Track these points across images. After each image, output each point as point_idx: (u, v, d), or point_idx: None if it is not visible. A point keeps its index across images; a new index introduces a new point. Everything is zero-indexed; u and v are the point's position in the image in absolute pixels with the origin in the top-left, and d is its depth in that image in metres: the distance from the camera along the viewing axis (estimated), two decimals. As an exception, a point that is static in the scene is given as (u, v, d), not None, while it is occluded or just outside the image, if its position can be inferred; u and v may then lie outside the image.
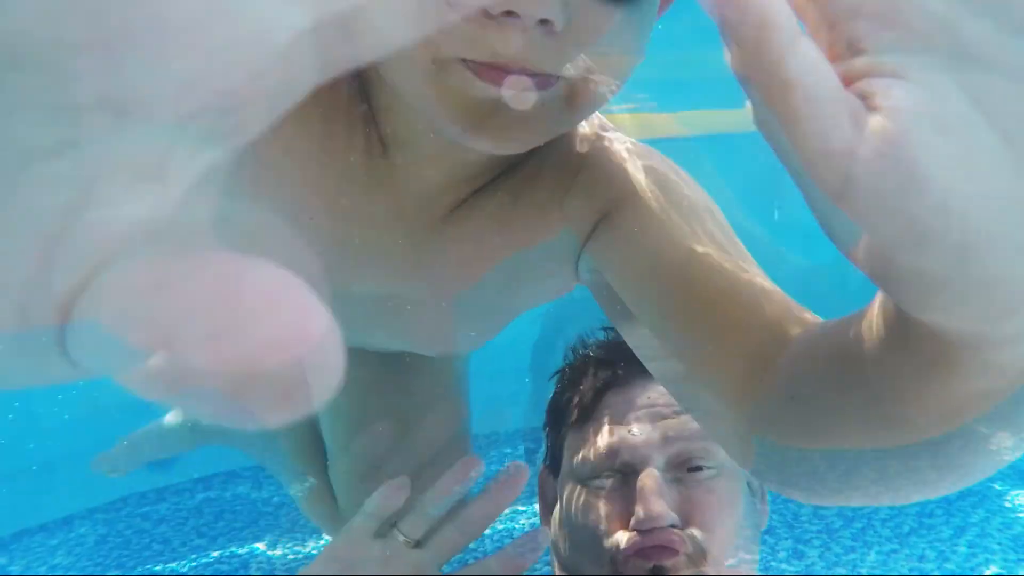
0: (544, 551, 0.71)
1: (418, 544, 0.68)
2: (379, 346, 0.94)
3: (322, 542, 1.81)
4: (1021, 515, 2.02)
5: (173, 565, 1.72)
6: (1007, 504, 2.07)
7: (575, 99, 0.58)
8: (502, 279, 0.76)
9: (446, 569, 0.67)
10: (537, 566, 1.04)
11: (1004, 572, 1.76)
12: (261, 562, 1.72)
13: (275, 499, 2.02)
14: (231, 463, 2.18)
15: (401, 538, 0.68)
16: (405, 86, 0.57)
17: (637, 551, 0.76)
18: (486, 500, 0.69)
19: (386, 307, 0.79)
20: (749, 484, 0.89)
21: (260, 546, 1.79)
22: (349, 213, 0.69)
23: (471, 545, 0.69)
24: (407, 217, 0.71)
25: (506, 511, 0.69)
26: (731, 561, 0.79)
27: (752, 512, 0.86)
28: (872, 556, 1.79)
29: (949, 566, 1.78)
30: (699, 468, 0.81)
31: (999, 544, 1.87)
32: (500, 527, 1.62)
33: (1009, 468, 2.28)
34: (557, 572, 0.88)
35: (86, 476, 2.00)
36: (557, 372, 0.95)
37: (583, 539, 0.81)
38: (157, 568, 1.71)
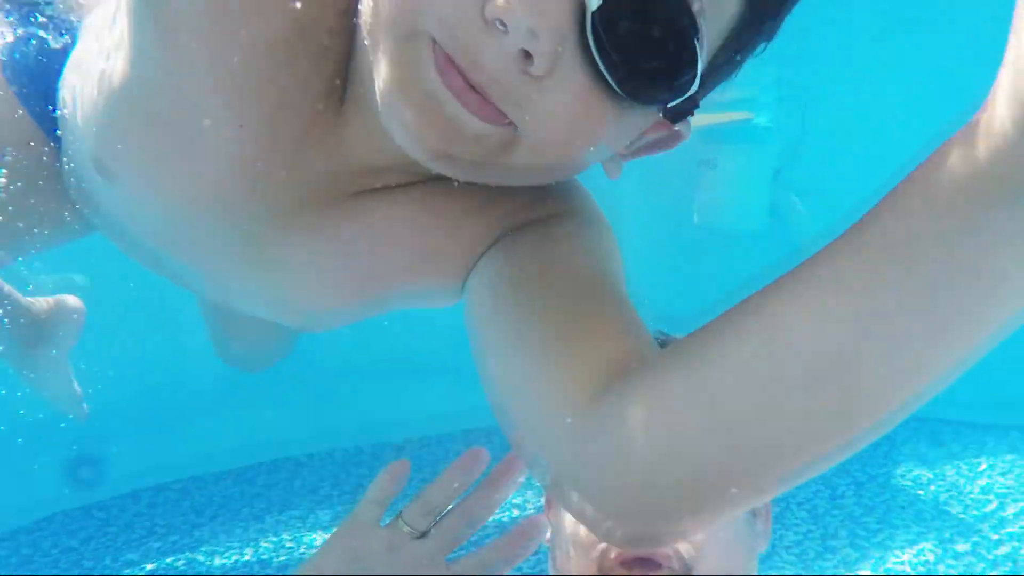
0: (542, 539, 0.71)
1: (422, 535, 0.67)
2: (238, 298, 0.88)
3: (262, 549, 1.79)
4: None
5: (106, 582, 1.69)
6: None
7: (511, 155, 0.53)
8: (386, 279, 0.73)
9: (450, 558, 0.67)
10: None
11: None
12: (200, 573, 1.70)
13: (208, 510, 1.99)
14: (160, 476, 2.14)
15: (405, 528, 0.67)
16: (372, 42, 0.53)
17: (622, 561, 0.76)
18: (488, 489, 0.68)
19: (261, 251, 0.74)
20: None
21: (198, 557, 1.77)
22: (275, 139, 0.65)
23: (474, 536, 0.69)
24: (323, 175, 0.68)
25: (510, 498, 0.69)
26: None
27: (748, 533, 0.85)
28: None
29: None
30: None
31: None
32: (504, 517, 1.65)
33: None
34: (551, 571, 0.89)
35: (5, 498, 1.93)
36: None
37: (575, 541, 0.82)
38: (89, 586, 1.67)
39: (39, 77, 0.92)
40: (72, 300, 1.41)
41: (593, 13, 0.47)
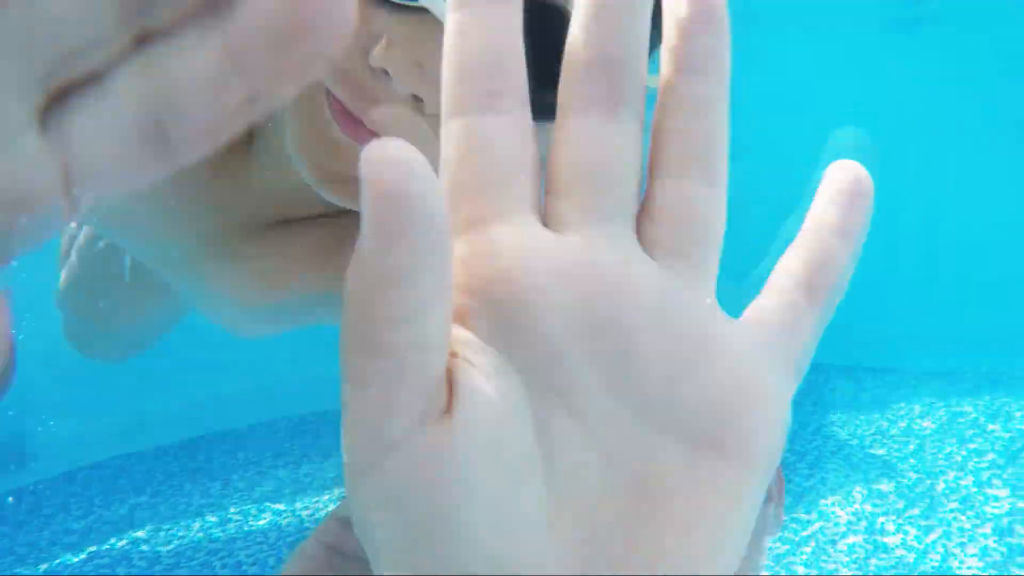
0: None
1: None
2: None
3: (207, 522, 1.76)
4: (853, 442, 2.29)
5: (43, 567, 1.63)
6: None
7: None
8: (303, 303, 0.75)
9: None
10: None
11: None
12: (144, 552, 1.66)
13: (148, 487, 1.94)
14: (94, 454, 2.07)
15: None
16: None
17: None
18: None
19: (188, 269, 0.75)
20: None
21: (141, 534, 1.73)
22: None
23: None
24: (236, 206, 0.68)
25: None
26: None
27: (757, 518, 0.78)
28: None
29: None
30: None
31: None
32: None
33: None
34: None
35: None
36: None
37: None
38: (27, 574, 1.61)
39: None
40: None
41: None
